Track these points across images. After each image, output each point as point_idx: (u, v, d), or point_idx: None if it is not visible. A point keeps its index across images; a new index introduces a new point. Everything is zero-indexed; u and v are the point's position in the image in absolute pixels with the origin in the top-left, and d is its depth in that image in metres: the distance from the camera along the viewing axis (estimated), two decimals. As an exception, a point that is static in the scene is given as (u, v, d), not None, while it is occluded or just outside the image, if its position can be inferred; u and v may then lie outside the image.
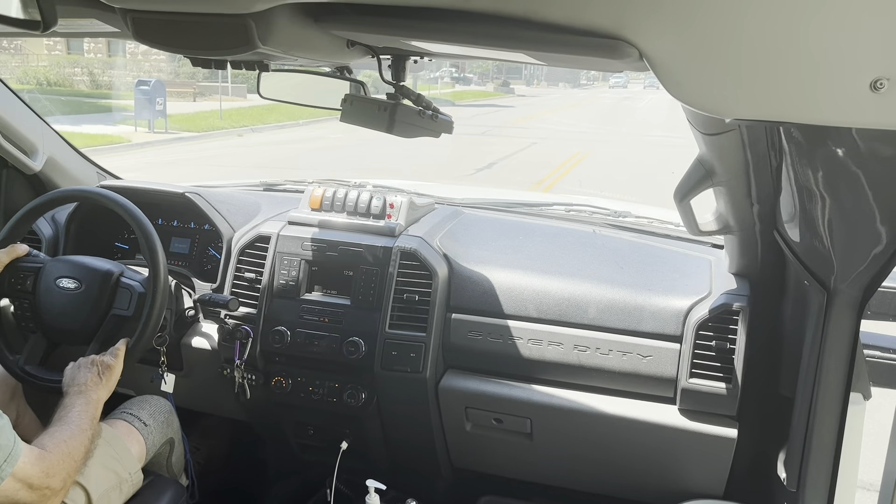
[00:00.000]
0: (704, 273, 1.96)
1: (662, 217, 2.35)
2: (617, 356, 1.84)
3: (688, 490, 1.86)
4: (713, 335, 1.77)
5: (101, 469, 1.63)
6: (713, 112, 0.81)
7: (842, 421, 1.37)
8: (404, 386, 1.96)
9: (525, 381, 1.93)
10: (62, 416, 1.54)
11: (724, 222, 1.71)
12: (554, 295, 1.91)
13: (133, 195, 1.95)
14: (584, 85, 61.83)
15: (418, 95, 1.44)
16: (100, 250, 2.09)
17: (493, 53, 1.10)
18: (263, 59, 1.29)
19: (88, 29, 1.36)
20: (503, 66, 48.07)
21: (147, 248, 1.83)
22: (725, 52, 0.74)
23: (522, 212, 2.46)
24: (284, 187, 2.61)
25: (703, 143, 1.45)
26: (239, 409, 2.20)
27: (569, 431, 1.93)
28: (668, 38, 0.76)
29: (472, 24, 0.90)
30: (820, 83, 0.72)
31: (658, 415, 1.83)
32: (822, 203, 1.22)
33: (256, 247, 2.07)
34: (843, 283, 1.28)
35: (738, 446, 1.78)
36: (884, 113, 0.72)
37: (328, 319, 1.98)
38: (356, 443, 2.08)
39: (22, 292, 1.87)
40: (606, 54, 0.81)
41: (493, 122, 22.48)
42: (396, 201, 2.07)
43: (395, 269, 1.95)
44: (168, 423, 1.91)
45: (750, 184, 1.50)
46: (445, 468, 2.17)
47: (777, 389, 1.75)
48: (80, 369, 1.68)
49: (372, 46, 1.27)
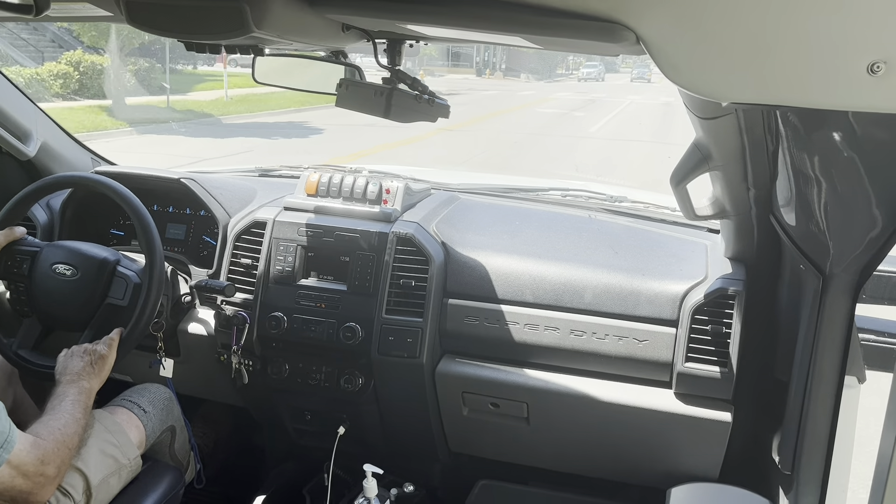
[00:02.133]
0: (700, 257, 1.96)
1: (658, 202, 2.36)
2: (613, 341, 1.85)
3: (683, 473, 1.88)
4: (709, 319, 1.78)
5: (100, 455, 1.63)
6: (710, 96, 0.81)
7: (836, 404, 1.37)
8: (401, 371, 1.96)
9: (521, 366, 1.94)
10: (55, 406, 1.54)
11: (721, 207, 1.71)
12: (550, 280, 1.92)
13: (128, 181, 1.94)
14: (560, 77, 50.84)
15: (414, 79, 1.43)
16: (95, 236, 2.09)
17: (488, 37, 1.10)
18: (258, 43, 1.29)
19: (81, 13, 1.35)
20: (448, 50, 44.74)
21: (144, 238, 1.82)
22: (722, 35, 0.74)
23: (519, 197, 2.45)
24: (280, 173, 2.60)
25: (699, 128, 1.45)
26: (236, 394, 2.21)
27: (565, 416, 1.94)
28: (664, 22, 0.76)
29: (468, 7, 0.89)
30: (817, 66, 0.72)
31: (654, 399, 1.84)
32: (818, 187, 1.22)
33: (252, 233, 2.07)
34: (839, 267, 1.28)
35: (733, 430, 1.79)
36: (881, 96, 0.72)
37: (325, 305, 1.98)
38: (353, 428, 2.09)
39: (18, 276, 1.87)
40: (603, 38, 0.81)
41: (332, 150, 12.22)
42: (392, 187, 2.07)
43: (392, 255, 1.95)
44: (168, 411, 1.92)
45: (746, 168, 1.50)
46: (442, 453, 2.18)
47: (772, 373, 1.76)
48: (73, 358, 1.68)
49: (367, 30, 1.27)
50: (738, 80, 0.77)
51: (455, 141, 14.37)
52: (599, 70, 46.54)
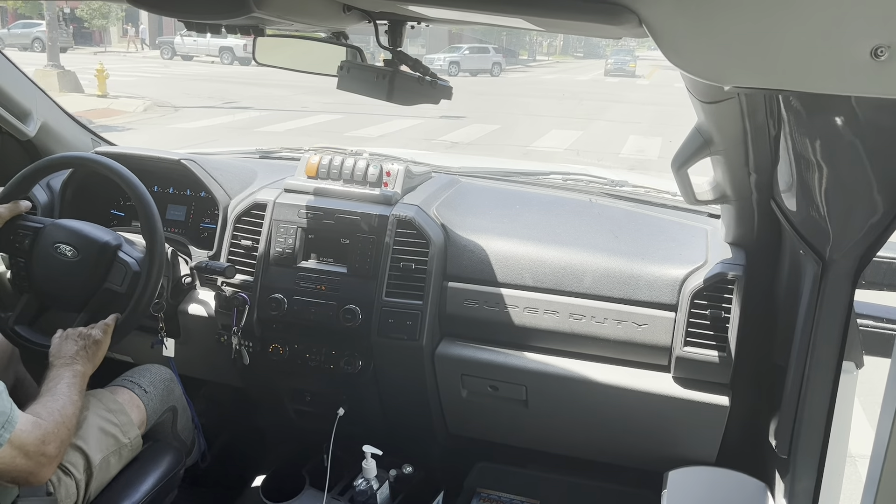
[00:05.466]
0: (700, 242, 1.96)
1: (659, 186, 2.35)
2: (612, 324, 1.86)
3: (681, 457, 1.89)
4: (708, 304, 1.78)
5: (100, 434, 1.64)
6: (712, 80, 0.81)
7: (834, 389, 1.38)
8: (401, 353, 1.97)
9: (521, 349, 1.94)
10: (52, 388, 1.55)
11: (721, 192, 1.71)
12: (550, 264, 1.92)
13: (128, 162, 1.94)
14: (528, 63, 39.61)
15: (416, 61, 1.42)
16: (95, 217, 2.09)
17: (491, 19, 1.09)
18: (259, 23, 1.28)
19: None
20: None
21: (145, 222, 1.81)
22: (725, 18, 0.73)
23: (519, 181, 2.45)
24: (280, 154, 2.60)
25: (701, 112, 1.44)
26: (236, 375, 2.21)
27: (564, 399, 1.95)
28: (667, 5, 0.75)
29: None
30: (820, 51, 0.72)
31: (652, 383, 1.85)
32: (819, 173, 1.22)
33: (253, 214, 2.07)
34: (839, 252, 1.28)
35: (730, 414, 1.80)
36: (884, 81, 0.71)
37: (325, 287, 1.98)
38: (353, 409, 2.10)
39: (19, 251, 1.87)
40: (606, 20, 0.81)
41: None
42: (393, 169, 2.06)
43: (392, 238, 1.95)
44: (169, 391, 1.92)
45: (748, 153, 1.50)
46: (441, 434, 2.19)
47: (770, 358, 1.76)
48: (68, 341, 1.68)
49: (368, 11, 1.26)
50: (741, 64, 0.76)
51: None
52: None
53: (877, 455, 0.98)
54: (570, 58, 50.73)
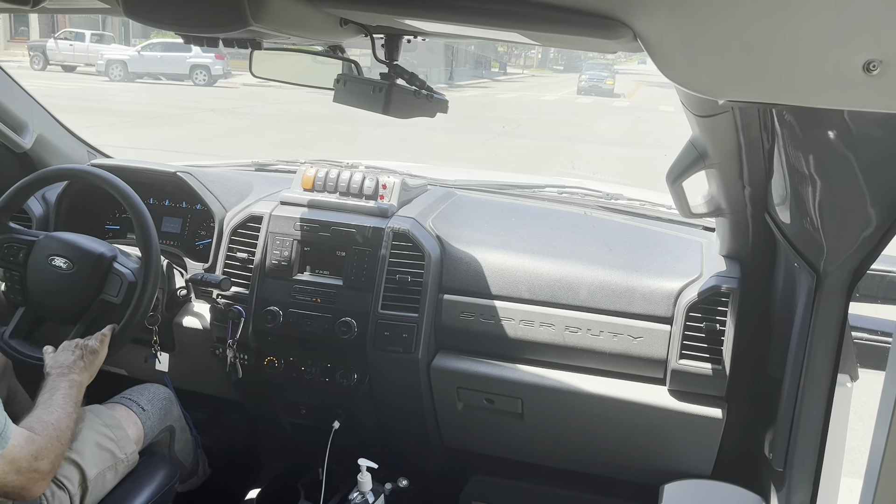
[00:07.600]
0: (695, 255, 1.97)
1: (654, 199, 2.36)
2: (608, 337, 1.86)
3: (676, 469, 1.88)
4: (703, 317, 1.78)
5: (96, 449, 1.63)
6: (706, 93, 0.81)
7: (829, 402, 1.38)
8: (396, 366, 1.97)
9: (516, 362, 1.94)
10: (46, 399, 1.54)
11: (716, 205, 1.72)
12: (546, 276, 1.92)
13: (124, 174, 1.94)
14: (496, 77, 34.85)
15: (412, 74, 1.43)
16: (90, 230, 2.08)
17: (486, 32, 1.10)
18: (256, 37, 1.28)
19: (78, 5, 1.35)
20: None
21: (141, 235, 1.81)
22: (719, 32, 0.74)
23: (515, 194, 2.46)
24: (276, 167, 2.60)
25: (695, 126, 1.45)
26: (231, 388, 2.21)
27: (559, 412, 1.94)
28: (661, 19, 0.76)
29: (466, 2, 0.89)
30: (813, 65, 0.73)
31: (648, 395, 1.85)
32: (813, 186, 1.22)
33: (248, 227, 2.07)
34: (833, 265, 1.28)
35: (726, 427, 1.80)
36: (876, 95, 0.72)
37: (320, 300, 1.98)
38: (348, 422, 2.09)
39: (14, 264, 1.87)
40: (601, 34, 0.81)
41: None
42: (389, 182, 2.07)
43: (388, 250, 1.95)
44: (167, 411, 1.91)
45: (742, 166, 1.51)
46: (437, 447, 2.18)
47: (766, 370, 1.76)
48: (64, 351, 1.67)
49: (365, 25, 1.26)
50: (735, 78, 0.77)
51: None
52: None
53: (872, 467, 0.98)
54: (549, 71, 46.50)
